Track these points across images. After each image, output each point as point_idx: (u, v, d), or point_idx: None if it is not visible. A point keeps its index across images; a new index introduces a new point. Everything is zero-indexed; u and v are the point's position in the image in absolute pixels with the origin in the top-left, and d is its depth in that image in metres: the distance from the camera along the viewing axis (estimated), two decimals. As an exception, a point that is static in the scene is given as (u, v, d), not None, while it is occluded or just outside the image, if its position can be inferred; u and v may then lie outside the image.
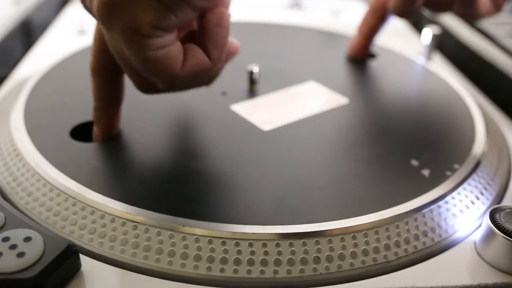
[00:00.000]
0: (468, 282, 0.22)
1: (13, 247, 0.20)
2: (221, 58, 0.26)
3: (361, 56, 0.43)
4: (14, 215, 0.22)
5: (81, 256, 0.21)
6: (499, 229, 0.22)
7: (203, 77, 0.27)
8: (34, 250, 0.20)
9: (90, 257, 0.22)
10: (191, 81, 0.26)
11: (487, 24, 0.50)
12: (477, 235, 0.24)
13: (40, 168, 0.26)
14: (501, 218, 0.23)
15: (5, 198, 0.25)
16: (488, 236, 0.23)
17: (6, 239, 0.20)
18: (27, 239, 0.20)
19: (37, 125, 0.29)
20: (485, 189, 0.27)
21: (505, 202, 0.27)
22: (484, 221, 0.23)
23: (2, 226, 0.21)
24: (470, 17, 0.38)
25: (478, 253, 0.23)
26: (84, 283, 0.21)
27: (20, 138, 0.28)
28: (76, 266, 0.21)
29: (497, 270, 0.23)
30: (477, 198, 0.26)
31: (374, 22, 0.41)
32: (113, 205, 0.23)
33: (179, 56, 0.24)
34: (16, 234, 0.21)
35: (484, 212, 0.26)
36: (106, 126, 0.29)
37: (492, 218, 0.23)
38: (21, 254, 0.20)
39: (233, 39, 0.28)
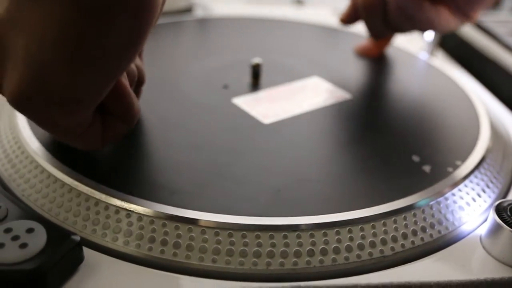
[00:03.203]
0: (474, 276, 0.22)
1: (15, 238, 0.20)
2: (135, 116, 0.25)
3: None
4: (16, 206, 0.22)
5: (84, 248, 0.21)
6: (505, 223, 0.22)
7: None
8: (36, 241, 0.20)
9: (93, 249, 0.22)
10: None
11: (489, 22, 0.50)
12: (483, 230, 0.24)
13: (42, 159, 0.25)
14: (507, 212, 0.23)
15: (7, 189, 0.25)
16: (494, 230, 0.23)
17: (8, 230, 0.20)
18: (30, 230, 0.20)
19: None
20: (491, 183, 0.27)
21: (511, 197, 0.27)
22: (490, 215, 0.23)
23: (5, 217, 0.21)
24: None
25: (484, 247, 0.23)
26: (87, 275, 0.21)
27: (22, 129, 0.28)
28: (79, 258, 0.21)
29: (504, 264, 0.22)
30: (483, 192, 0.26)
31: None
32: (116, 195, 0.23)
33: (97, 134, 0.24)
34: (19, 225, 0.20)
35: (490, 206, 0.26)
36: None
37: (498, 211, 0.23)
38: (23, 245, 0.19)
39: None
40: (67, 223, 0.23)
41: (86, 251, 0.21)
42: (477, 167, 0.27)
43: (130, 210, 0.22)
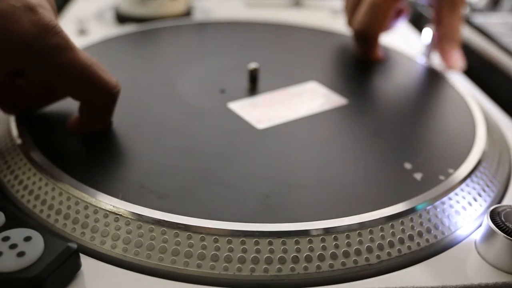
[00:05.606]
0: (468, 281, 0.22)
1: (13, 246, 0.20)
2: None
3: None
4: (14, 214, 0.22)
5: (81, 255, 0.21)
6: (499, 228, 0.22)
7: None
8: (34, 249, 0.20)
9: (91, 256, 0.22)
10: None
11: (487, 23, 0.50)
12: (478, 235, 0.24)
13: (40, 165, 0.26)
14: (501, 217, 0.23)
15: (5, 196, 0.25)
16: (489, 236, 0.23)
17: (6, 238, 0.20)
18: (27, 239, 0.20)
19: (37, 123, 0.29)
20: (486, 188, 0.27)
21: (506, 202, 0.27)
22: (484, 221, 0.23)
23: (2, 226, 0.21)
24: None
25: (478, 253, 0.23)
26: (85, 283, 0.21)
27: (20, 135, 0.28)
28: (77, 266, 0.21)
29: (498, 269, 0.23)
30: (479, 196, 0.26)
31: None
32: (114, 203, 0.23)
33: None
34: (16, 234, 0.21)
35: (484, 212, 0.26)
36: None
37: (492, 217, 0.23)
38: (21, 254, 0.20)
39: None
40: (66, 230, 0.23)
41: (84, 258, 0.22)
42: (473, 171, 0.27)
43: (128, 217, 0.23)
